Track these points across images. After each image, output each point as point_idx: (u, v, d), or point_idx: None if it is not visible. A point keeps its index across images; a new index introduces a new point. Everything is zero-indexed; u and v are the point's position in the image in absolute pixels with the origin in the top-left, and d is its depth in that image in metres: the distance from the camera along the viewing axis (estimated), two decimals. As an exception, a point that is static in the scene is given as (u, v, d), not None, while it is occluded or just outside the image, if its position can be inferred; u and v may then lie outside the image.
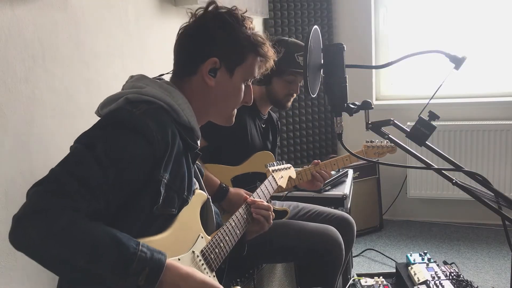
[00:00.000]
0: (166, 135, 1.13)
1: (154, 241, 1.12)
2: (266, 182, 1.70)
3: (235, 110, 1.36)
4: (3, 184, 1.43)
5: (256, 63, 1.32)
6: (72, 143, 1.10)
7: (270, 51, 1.33)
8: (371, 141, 2.26)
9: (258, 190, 1.64)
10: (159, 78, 1.30)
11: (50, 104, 1.61)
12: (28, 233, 0.94)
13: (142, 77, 1.26)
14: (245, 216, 1.48)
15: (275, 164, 1.86)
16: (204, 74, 1.25)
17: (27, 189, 1.02)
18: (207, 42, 1.26)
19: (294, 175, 2.00)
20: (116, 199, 1.06)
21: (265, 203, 1.54)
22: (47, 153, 1.58)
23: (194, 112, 1.26)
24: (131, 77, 1.28)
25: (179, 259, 1.18)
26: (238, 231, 1.42)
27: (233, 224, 1.41)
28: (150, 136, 1.09)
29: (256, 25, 1.27)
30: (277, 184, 1.78)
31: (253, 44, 1.29)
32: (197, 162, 1.37)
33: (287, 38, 2.14)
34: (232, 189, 1.94)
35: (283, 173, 1.88)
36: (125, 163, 1.06)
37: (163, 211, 1.15)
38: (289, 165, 1.98)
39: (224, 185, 1.92)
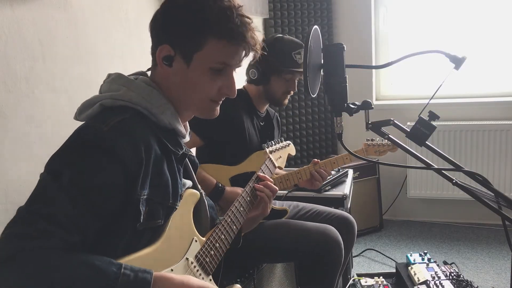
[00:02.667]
0: (139, 151, 1.05)
1: (144, 256, 1.08)
2: (263, 166, 1.64)
3: (215, 102, 1.22)
4: (3, 184, 1.43)
5: (224, 47, 1.13)
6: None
7: (242, 33, 1.13)
8: (372, 139, 2.26)
9: (255, 175, 1.61)
10: (142, 73, 1.24)
11: (50, 104, 1.61)
12: (4, 281, 0.90)
13: (118, 77, 1.18)
14: (248, 199, 1.45)
15: (273, 143, 1.82)
16: (159, 64, 1.16)
17: (27, 190, 1.01)
18: (160, 27, 1.16)
19: (293, 152, 1.97)
20: (92, 227, 1.00)
21: (274, 186, 1.52)
22: (47, 153, 1.58)
23: (176, 108, 1.19)
24: (108, 76, 1.21)
25: (172, 270, 1.14)
26: (235, 227, 1.37)
27: (229, 220, 1.36)
28: (120, 156, 1.01)
29: (256, 25, 1.20)
30: (275, 166, 1.74)
31: (212, 26, 1.11)
32: (191, 154, 1.32)
33: (283, 36, 2.14)
34: (228, 188, 1.94)
35: (281, 153, 1.82)
36: (96, 190, 0.99)
37: (148, 225, 1.10)
38: (288, 142, 1.93)
39: (220, 185, 1.92)
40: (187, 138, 1.28)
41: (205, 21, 1.11)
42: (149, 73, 1.25)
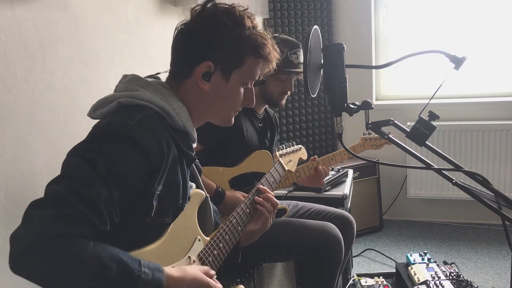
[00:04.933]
0: (162, 146, 1.09)
1: (147, 252, 1.10)
2: (272, 169, 1.63)
3: (236, 112, 1.31)
4: (3, 184, 1.43)
5: (257, 65, 1.26)
6: (71, 143, 1.09)
7: (272, 53, 1.26)
8: (369, 133, 2.26)
9: (263, 178, 1.60)
10: (155, 76, 1.27)
11: (50, 104, 1.61)
12: (35, 263, 0.91)
13: (135, 78, 1.21)
14: (247, 211, 1.44)
15: (285, 147, 1.79)
16: (198, 78, 1.20)
17: (27, 189, 1.01)
18: (201, 44, 1.20)
19: (304, 157, 1.95)
20: (118, 215, 1.03)
21: (275, 199, 1.50)
22: (47, 153, 1.58)
23: (190, 114, 1.22)
24: (124, 76, 1.24)
25: (173, 267, 1.15)
26: (240, 228, 1.38)
27: (235, 221, 1.37)
28: (146, 149, 1.05)
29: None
30: (285, 170, 1.71)
31: (251, 46, 1.22)
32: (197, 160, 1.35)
33: (278, 35, 2.11)
34: (228, 192, 1.93)
35: (292, 157, 1.80)
36: (125, 179, 1.03)
37: (156, 221, 1.13)
38: (299, 146, 1.90)
39: (220, 189, 1.91)
40: (195, 144, 1.30)
41: (245, 41, 1.21)
42: (160, 76, 1.28)
